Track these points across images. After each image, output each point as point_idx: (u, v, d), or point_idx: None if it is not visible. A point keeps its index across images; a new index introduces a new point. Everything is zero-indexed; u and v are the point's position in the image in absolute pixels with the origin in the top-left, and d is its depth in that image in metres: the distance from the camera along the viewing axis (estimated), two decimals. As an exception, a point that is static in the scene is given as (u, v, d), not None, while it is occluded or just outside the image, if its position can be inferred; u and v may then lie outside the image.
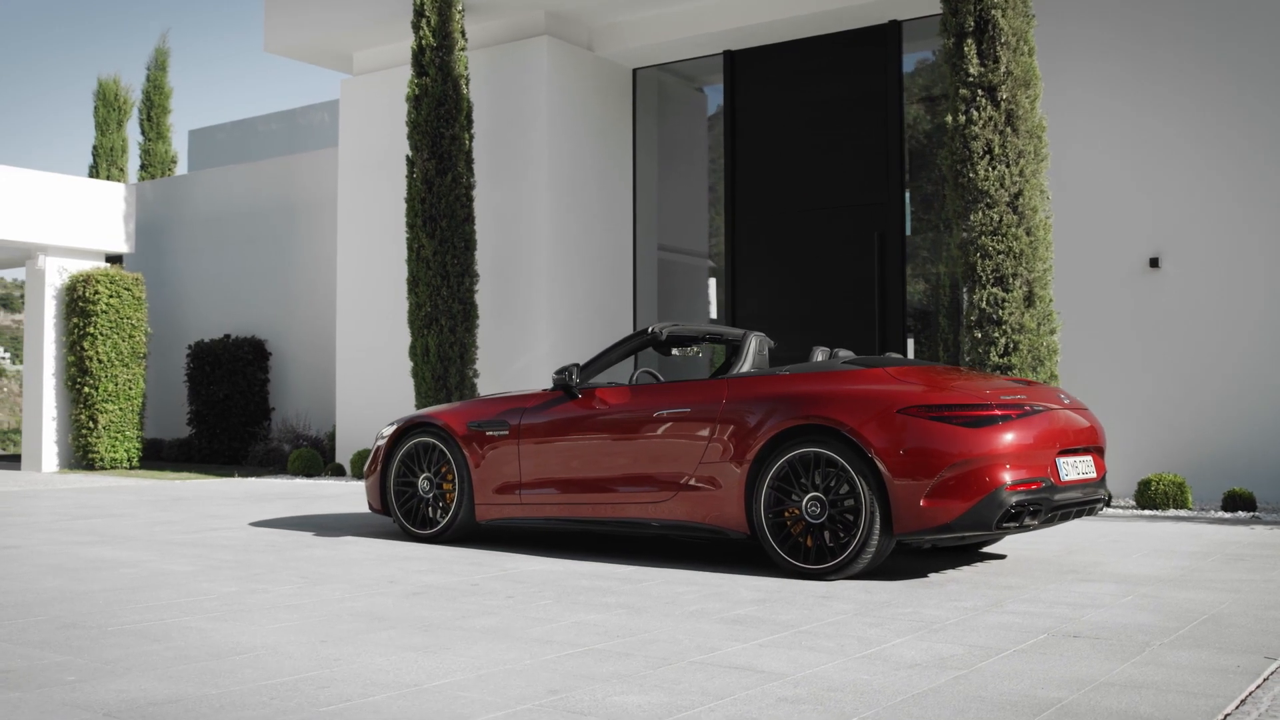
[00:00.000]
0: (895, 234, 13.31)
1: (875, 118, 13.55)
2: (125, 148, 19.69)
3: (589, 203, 14.43)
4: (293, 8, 15.47)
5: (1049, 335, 10.18)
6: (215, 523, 8.80)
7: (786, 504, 6.10)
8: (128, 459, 15.87)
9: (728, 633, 4.63)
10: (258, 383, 17.76)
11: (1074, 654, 4.24)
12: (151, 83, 21.89)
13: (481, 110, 14.17)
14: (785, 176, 14.23)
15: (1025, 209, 10.17)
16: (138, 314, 15.97)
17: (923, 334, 13.83)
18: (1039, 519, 5.88)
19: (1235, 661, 4.10)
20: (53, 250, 15.69)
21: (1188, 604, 5.27)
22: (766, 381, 6.44)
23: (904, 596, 5.49)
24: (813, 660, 4.14)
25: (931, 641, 4.46)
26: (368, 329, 15.12)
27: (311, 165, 17.79)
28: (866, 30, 13.45)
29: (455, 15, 13.47)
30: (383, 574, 6.19)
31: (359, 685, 3.76)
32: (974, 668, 4.03)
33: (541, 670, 3.98)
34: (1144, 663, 4.09)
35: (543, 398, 7.29)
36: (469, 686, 3.76)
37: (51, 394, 15.69)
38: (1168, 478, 9.70)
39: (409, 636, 4.54)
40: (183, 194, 19.58)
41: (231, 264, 18.67)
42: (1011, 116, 10.22)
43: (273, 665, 4.04)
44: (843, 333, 13.50)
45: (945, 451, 5.74)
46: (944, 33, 10.53)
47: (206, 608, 5.17)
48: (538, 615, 5.01)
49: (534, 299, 13.90)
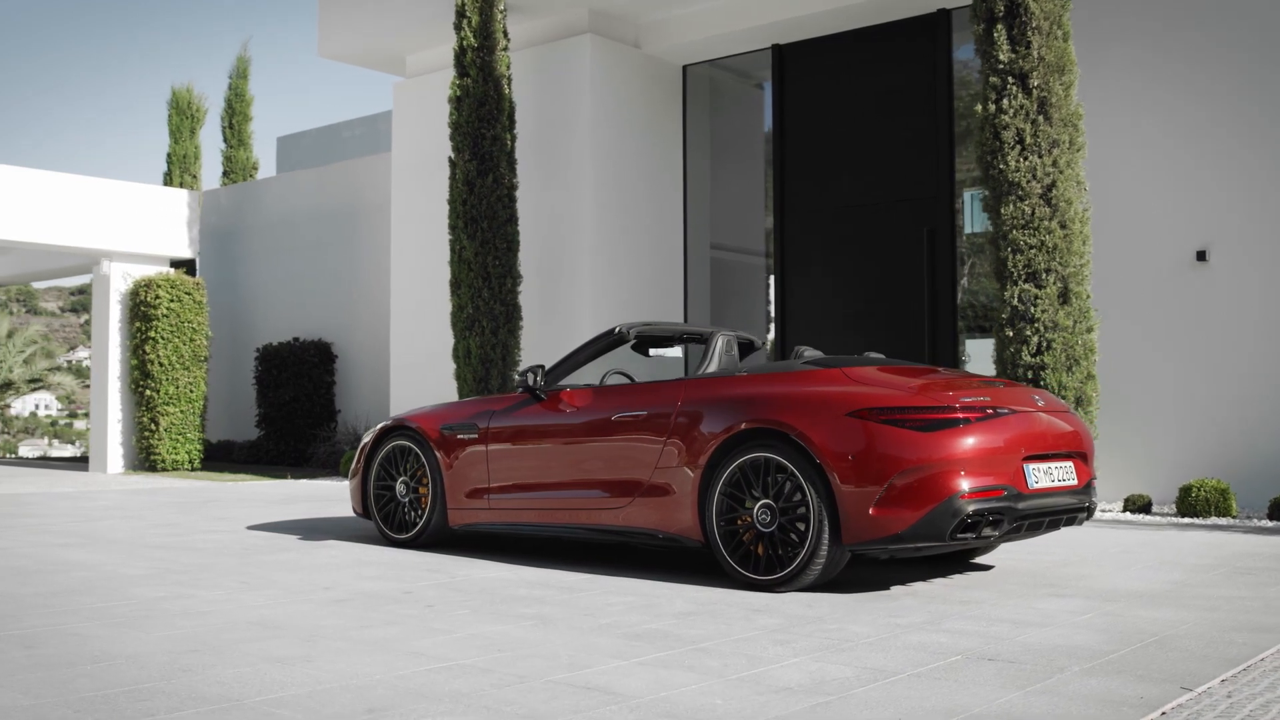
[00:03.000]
0: (945, 229, 12.81)
1: (924, 110, 13.07)
2: (198, 154, 20.07)
3: (636, 202, 14.21)
4: (346, 12, 15.57)
5: (1085, 333, 9.65)
6: (218, 525, 8.80)
7: (739, 511, 5.81)
8: (189, 460, 16.14)
9: (619, 649, 4.37)
10: (324, 385, 17.94)
11: (971, 679, 3.89)
12: (233, 90, 22.32)
13: (526, 110, 14.06)
14: (834, 172, 13.83)
15: (1059, 201, 9.66)
16: (198, 318, 16.24)
17: (985, 333, 13.30)
18: (1000, 530, 5.49)
19: (1143, 692, 3.72)
20: (117, 256, 16.04)
21: (1147, 624, 4.84)
22: (721, 383, 6.15)
23: (842, 611, 5.16)
24: (679, 681, 3.87)
25: (828, 662, 4.14)
26: (420, 331, 15.12)
27: (372, 169, 17.91)
28: (915, 20, 12.99)
29: (497, 15, 13.38)
30: (324, 580, 6.06)
31: (180, 699, 3.60)
32: (848, 694, 3.71)
33: (381, 687, 3.78)
34: (1040, 691, 3.73)
35: (511, 400, 7.11)
36: (290, 703, 3.57)
37: (116, 397, 16.04)
38: (1210, 483, 9.10)
39: (288, 647, 4.39)
40: (254, 200, 19.91)
41: (299, 267, 18.90)
42: (1044, 104, 9.72)
43: (115, 676, 3.92)
44: (893, 331, 13.06)
45: (896, 457, 5.39)
46: (974, 18, 10.08)
47: (116, 613, 5.09)
48: (441, 626, 4.82)
49: (577, 300, 13.74)
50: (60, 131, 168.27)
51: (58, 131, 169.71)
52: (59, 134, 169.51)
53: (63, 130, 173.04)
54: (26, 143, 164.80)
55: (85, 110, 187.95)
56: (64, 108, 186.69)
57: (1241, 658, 4.19)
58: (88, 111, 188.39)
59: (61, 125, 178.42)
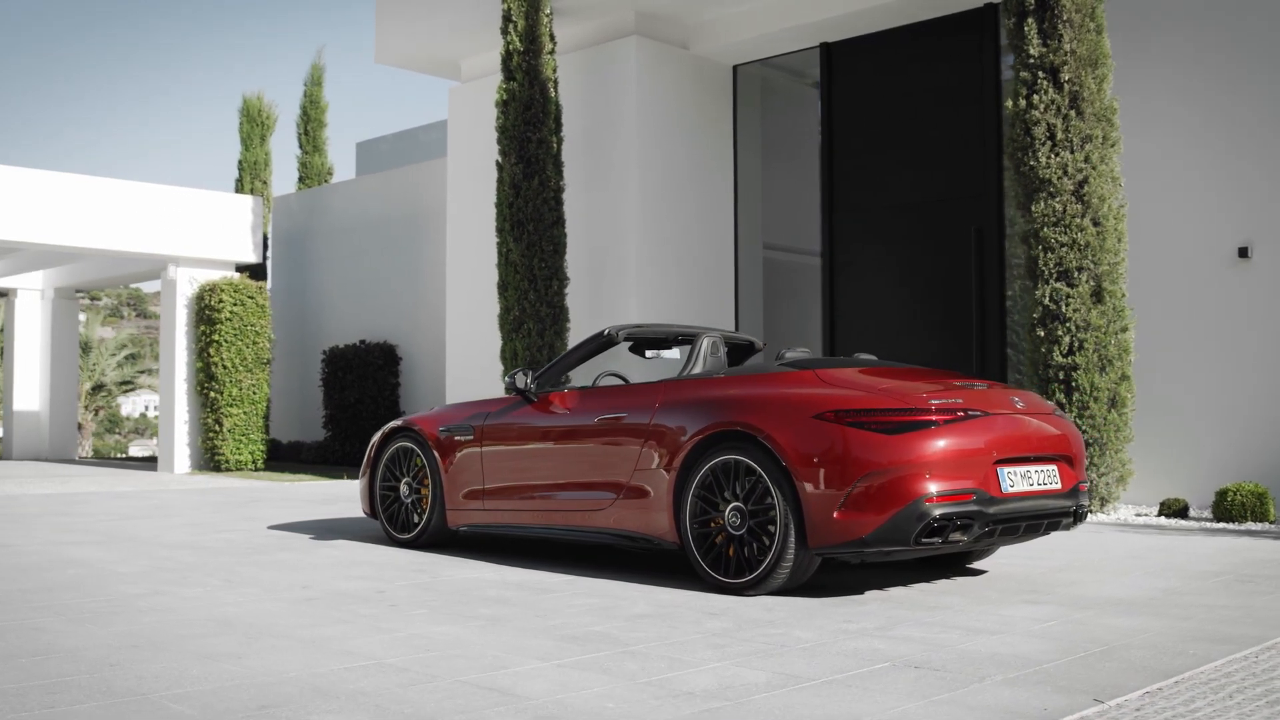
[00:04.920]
0: (993, 228, 12.55)
1: (972, 106, 12.83)
2: (268, 161, 20.51)
3: (684, 203, 14.18)
4: (402, 18, 15.79)
5: (1120, 333, 9.40)
6: (242, 525, 9.00)
7: (712, 514, 5.77)
8: (252, 461, 16.52)
9: (549, 650, 4.38)
10: (388, 386, 18.22)
11: (882, 688, 3.82)
12: (308, 98, 22.75)
13: (574, 113, 14.12)
14: (882, 171, 13.65)
15: (1092, 197, 9.42)
16: (261, 321, 16.61)
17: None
18: (971, 534, 5.37)
19: (1053, 703, 3.61)
20: (184, 261, 16.48)
21: (1106, 633, 4.70)
22: (697, 385, 6.12)
23: (799, 615, 5.10)
24: (585, 683, 3.86)
25: (749, 668, 4.10)
26: (474, 334, 15.28)
27: (434, 173, 18.13)
28: (962, 15, 12.76)
29: (543, 19, 13.45)
30: (305, 579, 6.16)
31: (89, 693, 3.70)
32: (745, 700, 3.67)
33: (289, 684, 3.83)
34: (944, 701, 3.65)
35: (506, 402, 7.16)
36: (191, 698, 3.65)
37: (183, 399, 16.48)
38: (1247, 487, 8.80)
39: (228, 644, 4.47)
40: (323, 205, 20.30)
41: (366, 271, 19.22)
42: (1076, 99, 9.49)
43: (44, 669, 4.03)
44: (944, 332, 12.86)
45: (860, 459, 5.30)
46: (1006, 12, 9.89)
47: (86, 609, 5.23)
48: (389, 626, 4.87)
49: (624, 302, 13.76)
50: (137, 141, 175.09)
51: (136, 141, 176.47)
52: (137, 144, 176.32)
53: (139, 140, 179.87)
54: (108, 154, 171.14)
55: (161, 119, 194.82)
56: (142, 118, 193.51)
57: (1181, 669, 4.05)
58: (164, 120, 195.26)
59: (139, 135, 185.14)
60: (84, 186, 15.64)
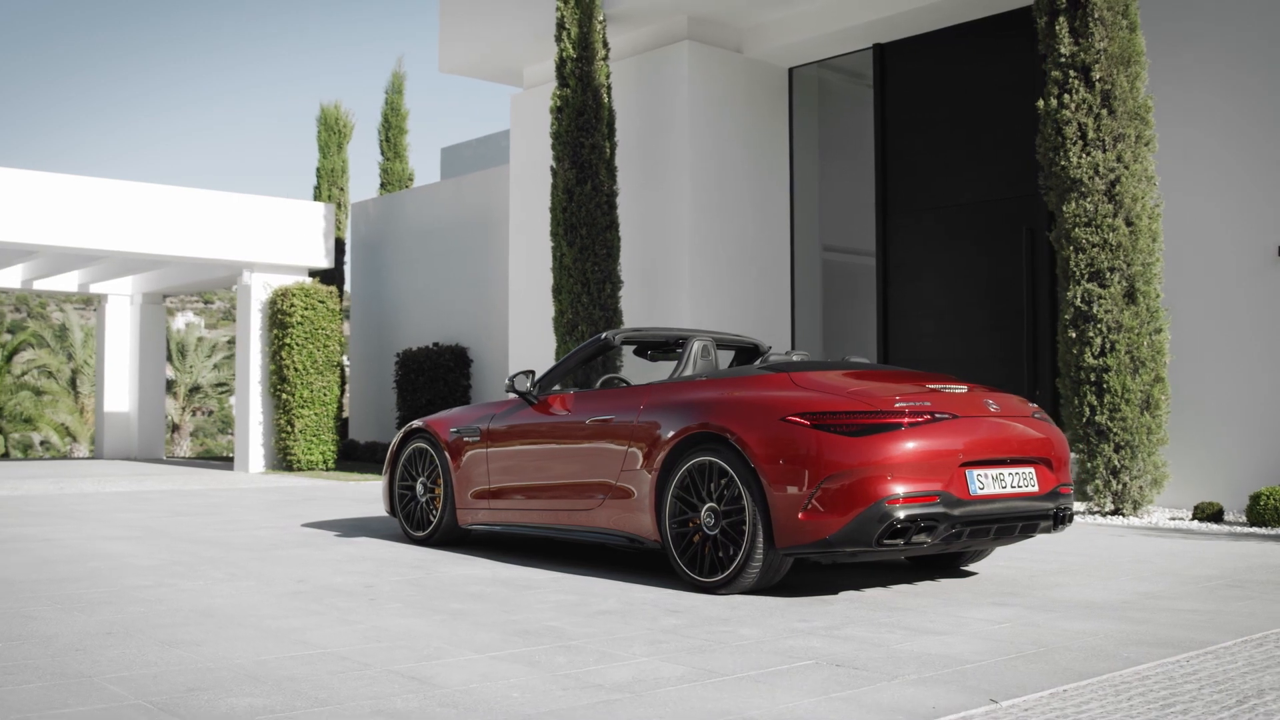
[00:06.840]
0: (1045, 228, 12.40)
1: (1023, 105, 12.68)
2: (345, 168, 21.04)
3: (738, 205, 14.27)
4: (463, 28, 16.13)
5: (1153, 334, 9.27)
6: (280, 522, 9.34)
7: (689, 514, 5.89)
8: (323, 461, 17.00)
9: (491, 643, 4.54)
10: (460, 388, 18.59)
11: (790, 685, 3.90)
12: (389, 105, 23.29)
13: (628, 118, 14.29)
14: (934, 171, 13.57)
15: (1124, 197, 9.30)
16: (331, 325, 17.09)
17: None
18: (935, 536, 5.40)
19: (945, 703, 3.66)
20: (259, 267, 17.04)
21: (1052, 636, 4.70)
22: (678, 388, 6.23)
23: (757, 614, 5.18)
24: (504, 674, 4.01)
25: (672, 663, 4.21)
26: (533, 336, 15.54)
27: (502, 179, 18.45)
28: (1013, 14, 12.63)
29: (596, 26, 13.65)
30: (305, 574, 6.41)
31: (41, 674, 3.96)
32: (646, 693, 3.79)
33: (225, 670, 4.05)
34: (842, 699, 3.72)
35: (510, 404, 7.34)
36: (130, 681, 3.88)
37: (258, 400, 17.03)
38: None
39: (195, 633, 4.71)
40: (398, 210, 20.78)
41: (438, 275, 19.64)
42: (1108, 97, 9.37)
43: (13, 652, 4.31)
44: (997, 333, 12.74)
45: (825, 461, 5.37)
46: (1037, 10, 9.81)
47: (84, 599, 5.54)
48: (357, 619, 5.08)
49: (677, 304, 13.88)
50: (222, 148, 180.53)
51: (219, 148, 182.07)
52: (221, 151, 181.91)
53: (224, 147, 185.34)
54: (191, 161, 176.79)
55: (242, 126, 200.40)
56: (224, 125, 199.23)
57: (1101, 671, 4.06)
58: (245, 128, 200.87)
59: (222, 142, 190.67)
60: (165, 196, 16.27)
